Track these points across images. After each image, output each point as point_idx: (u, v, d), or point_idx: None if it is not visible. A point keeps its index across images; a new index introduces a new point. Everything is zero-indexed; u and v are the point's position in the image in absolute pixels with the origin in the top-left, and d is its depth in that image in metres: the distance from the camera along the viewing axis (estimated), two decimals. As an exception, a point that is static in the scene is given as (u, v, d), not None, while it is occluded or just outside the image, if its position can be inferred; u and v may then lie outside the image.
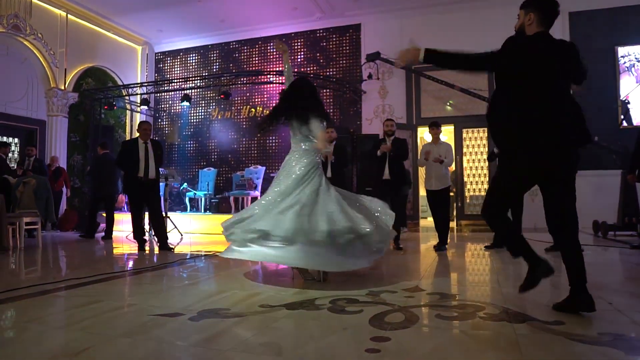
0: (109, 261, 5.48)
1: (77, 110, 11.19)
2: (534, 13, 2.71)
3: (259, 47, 12.48)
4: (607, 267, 4.55)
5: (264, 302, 3.06)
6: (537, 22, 2.72)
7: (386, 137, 6.34)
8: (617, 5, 9.82)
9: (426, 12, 10.86)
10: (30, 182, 7.15)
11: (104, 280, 3.94)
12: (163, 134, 13.28)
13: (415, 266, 4.91)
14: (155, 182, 6.45)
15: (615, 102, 9.84)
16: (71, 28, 10.97)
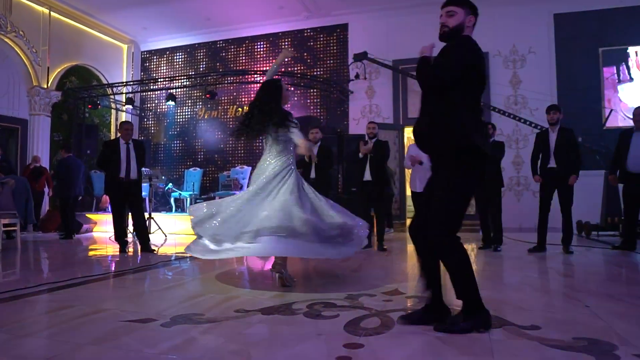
0: (88, 264, 5.39)
1: (61, 109, 11.04)
2: (474, 17, 2.66)
3: (246, 46, 12.40)
4: (587, 269, 4.56)
5: (239, 307, 3.01)
6: (472, 28, 2.67)
7: (368, 140, 6.33)
8: (601, 8, 9.89)
9: (413, 11, 10.85)
10: (9, 183, 7.01)
11: (80, 284, 3.87)
12: (149, 133, 13.15)
13: (398, 268, 4.88)
14: (137, 183, 6.35)
15: (599, 103, 9.91)
16: (54, 26, 10.81)
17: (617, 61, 9.92)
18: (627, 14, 9.79)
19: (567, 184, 5.60)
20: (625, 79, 9.83)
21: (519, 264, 4.85)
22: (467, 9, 2.64)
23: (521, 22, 10.32)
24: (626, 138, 5.73)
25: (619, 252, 5.62)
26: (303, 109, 11.71)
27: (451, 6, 2.66)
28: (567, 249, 5.61)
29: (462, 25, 2.62)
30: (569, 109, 10.00)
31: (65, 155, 8.81)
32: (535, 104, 10.14)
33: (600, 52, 9.97)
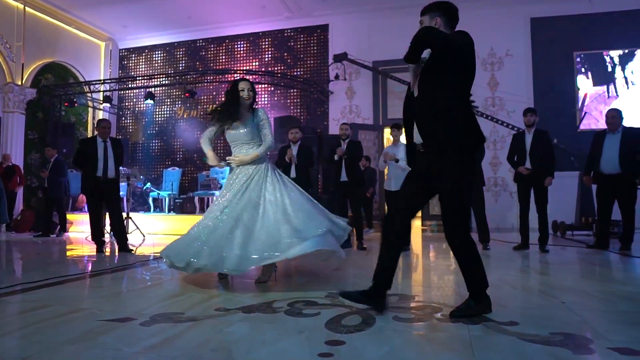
0: (65, 264, 5.28)
1: (36, 107, 10.82)
2: (440, 17, 2.70)
3: (226, 46, 12.34)
4: (563, 267, 4.65)
5: (220, 306, 2.99)
6: (445, 27, 2.71)
7: (342, 141, 6.38)
8: (576, 13, 10.13)
9: (393, 13, 10.94)
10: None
11: (56, 284, 3.79)
12: (127, 132, 12.97)
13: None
14: (114, 182, 6.25)
15: (573, 106, 10.13)
16: (29, 21, 10.58)
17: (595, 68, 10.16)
18: (601, 19, 10.06)
19: (542, 185, 5.73)
20: (613, 97, 10.07)
21: (500, 263, 4.93)
22: (432, 13, 2.72)
23: (499, 25, 10.50)
24: (599, 140, 5.87)
25: (593, 251, 5.75)
26: (283, 109, 11.69)
27: (420, 17, 2.79)
28: (543, 247, 5.73)
29: None
30: (544, 111, 10.21)
31: (55, 154, 8.80)
32: (512, 106, 10.32)
33: (575, 56, 10.21)
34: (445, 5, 2.73)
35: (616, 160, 5.65)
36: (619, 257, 5.32)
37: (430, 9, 2.74)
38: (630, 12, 9.91)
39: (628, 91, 9.99)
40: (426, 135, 2.66)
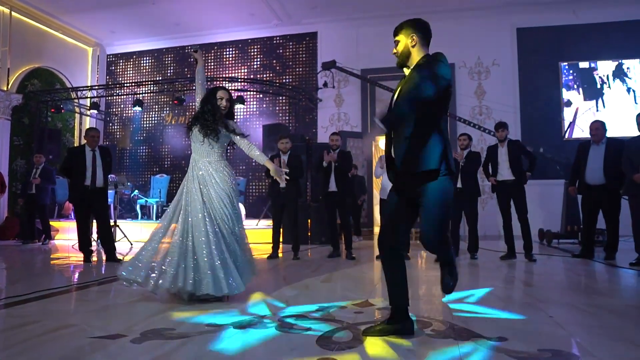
0: (52, 275, 5.22)
1: (21, 113, 10.69)
2: (416, 34, 2.67)
3: (215, 52, 12.32)
4: (549, 278, 4.71)
5: (212, 321, 2.99)
6: (421, 43, 2.68)
7: (332, 151, 6.41)
8: (562, 24, 10.31)
9: (382, 22, 10.98)
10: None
11: (43, 297, 3.75)
12: (114, 138, 12.88)
13: (367, 277, 4.93)
14: (102, 191, 6.20)
15: (559, 115, 10.29)
16: (15, 26, 10.47)
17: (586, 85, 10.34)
18: (585, 30, 10.25)
19: (520, 195, 5.84)
20: (601, 110, 10.26)
21: (487, 274, 4.98)
22: (406, 31, 2.69)
23: (486, 35, 10.63)
24: (584, 151, 5.97)
25: (579, 261, 5.83)
26: (272, 116, 11.70)
27: (395, 37, 2.75)
28: (530, 257, 5.80)
29: (408, 48, 2.67)
30: (530, 120, 10.39)
31: (43, 162, 8.92)
32: (499, 114, 10.43)
33: (560, 66, 10.37)
34: (420, 22, 2.72)
35: (601, 171, 5.75)
36: (603, 266, 5.40)
37: (406, 27, 2.71)
38: (615, 24, 10.11)
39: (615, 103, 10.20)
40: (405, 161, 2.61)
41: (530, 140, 10.11)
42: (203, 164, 3.74)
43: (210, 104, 3.77)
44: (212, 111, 3.74)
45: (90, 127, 8.35)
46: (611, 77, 10.25)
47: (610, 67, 10.29)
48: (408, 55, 2.69)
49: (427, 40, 2.69)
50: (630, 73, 10.20)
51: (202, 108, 3.79)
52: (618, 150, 5.68)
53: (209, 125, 3.70)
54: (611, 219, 5.82)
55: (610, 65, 10.27)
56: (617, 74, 10.25)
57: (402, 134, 2.57)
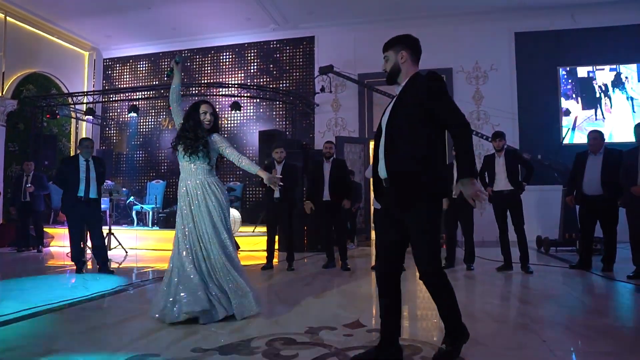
0: (41, 289, 5.13)
1: (17, 118, 10.63)
2: (405, 50, 2.68)
3: (212, 57, 12.27)
4: (545, 293, 4.64)
5: (197, 345, 2.94)
6: (410, 59, 2.69)
7: (324, 159, 6.35)
8: (560, 28, 10.24)
9: (379, 27, 10.92)
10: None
11: (30, 317, 3.70)
12: (111, 143, 12.83)
13: (361, 293, 4.84)
14: (96, 202, 6.13)
15: (557, 120, 10.22)
16: (10, 31, 10.41)
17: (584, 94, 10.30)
18: (584, 35, 10.18)
19: (517, 206, 5.80)
20: (600, 119, 10.21)
21: (482, 288, 4.92)
22: (396, 47, 2.70)
23: (484, 40, 10.57)
24: (581, 161, 5.91)
25: (576, 272, 5.76)
26: (268, 121, 11.64)
27: (384, 53, 2.75)
28: (527, 268, 5.74)
29: (397, 64, 2.68)
30: (529, 125, 10.32)
31: (32, 169, 8.92)
32: (497, 120, 10.38)
33: (558, 70, 10.31)
34: (409, 38, 2.71)
35: (598, 181, 5.69)
36: (601, 279, 5.34)
37: (394, 44, 2.71)
38: (613, 28, 10.04)
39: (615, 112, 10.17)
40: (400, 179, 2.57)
41: (528, 145, 10.06)
42: (192, 183, 3.68)
43: (193, 120, 3.70)
44: (194, 128, 3.67)
45: (84, 137, 8.28)
46: (610, 86, 10.20)
47: (609, 77, 10.24)
48: (398, 72, 2.70)
49: (416, 57, 2.70)
50: (629, 83, 10.16)
51: (184, 125, 3.72)
52: (616, 161, 5.62)
53: (192, 144, 3.63)
54: (608, 230, 5.76)
55: (609, 75, 10.23)
56: (615, 83, 10.20)
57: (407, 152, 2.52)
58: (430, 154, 2.49)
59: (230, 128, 11.94)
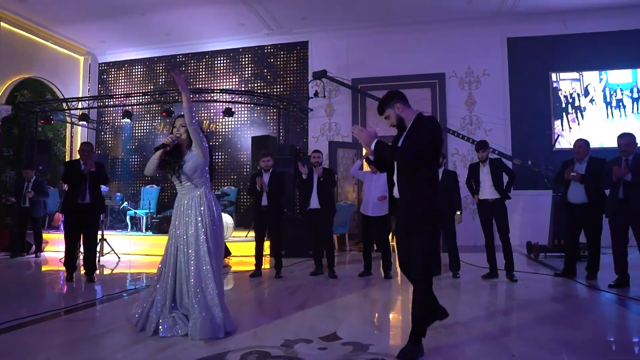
0: (27, 299, 5.17)
1: (11, 124, 10.69)
2: (398, 102, 3.10)
3: (206, 61, 12.32)
4: (525, 304, 4.66)
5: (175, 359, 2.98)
6: (405, 106, 3.12)
7: (314, 168, 6.40)
8: (552, 34, 10.27)
9: (372, 32, 11.01)
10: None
11: (12, 329, 3.74)
12: (106, 147, 12.89)
13: (342, 302, 4.89)
14: (93, 208, 6.13)
15: (549, 126, 10.25)
16: (4, 37, 10.47)
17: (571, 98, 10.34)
18: (576, 40, 10.21)
19: (501, 214, 5.87)
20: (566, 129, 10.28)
21: (464, 297, 4.96)
22: (390, 104, 3.13)
23: (476, 45, 10.60)
24: (567, 168, 5.93)
25: (560, 281, 5.80)
26: (262, 126, 11.69)
27: (382, 114, 3.21)
28: (511, 276, 5.78)
29: (400, 116, 3.11)
30: (521, 130, 10.35)
31: (33, 176, 8.96)
32: (489, 124, 10.42)
33: (550, 76, 10.34)
34: (393, 93, 3.17)
35: (582, 189, 5.72)
36: (583, 288, 5.37)
37: (388, 102, 3.14)
38: (604, 34, 10.08)
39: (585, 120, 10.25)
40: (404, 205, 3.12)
41: (520, 150, 10.10)
42: (183, 199, 3.72)
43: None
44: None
45: (83, 141, 8.30)
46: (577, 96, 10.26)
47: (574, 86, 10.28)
48: (402, 120, 3.13)
49: (407, 101, 3.15)
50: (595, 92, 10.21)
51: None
52: (599, 169, 5.65)
53: (170, 163, 3.68)
54: (592, 238, 5.80)
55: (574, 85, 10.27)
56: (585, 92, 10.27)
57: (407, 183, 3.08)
58: (424, 186, 3.02)
59: (224, 133, 11.99)
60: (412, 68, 10.70)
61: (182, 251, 3.60)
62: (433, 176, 3.09)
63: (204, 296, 3.49)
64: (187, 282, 3.53)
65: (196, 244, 3.56)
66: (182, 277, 3.59)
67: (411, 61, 10.74)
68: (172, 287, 3.58)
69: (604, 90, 10.18)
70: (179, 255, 3.60)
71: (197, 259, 3.54)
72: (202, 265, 3.54)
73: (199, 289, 3.49)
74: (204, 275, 3.53)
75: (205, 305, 3.46)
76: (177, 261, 3.60)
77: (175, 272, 3.60)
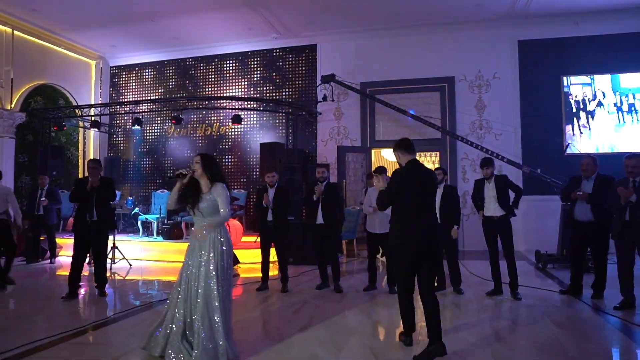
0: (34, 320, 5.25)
1: (25, 130, 10.89)
2: (398, 150, 4.12)
3: (216, 65, 12.37)
4: (523, 329, 4.64)
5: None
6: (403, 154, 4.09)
7: (319, 183, 6.41)
8: (564, 36, 10.10)
9: (380, 35, 10.94)
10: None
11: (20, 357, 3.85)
12: (118, 150, 13.06)
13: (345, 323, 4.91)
14: (101, 224, 6.19)
15: (560, 130, 10.11)
16: (17, 45, 10.64)
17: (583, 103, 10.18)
18: (589, 43, 10.02)
19: (506, 231, 5.85)
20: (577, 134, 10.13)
21: (465, 320, 4.93)
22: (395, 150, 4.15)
23: (486, 48, 10.48)
24: (575, 185, 5.87)
25: (564, 300, 5.74)
26: (271, 130, 11.73)
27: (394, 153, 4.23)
28: (515, 295, 5.76)
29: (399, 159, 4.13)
30: (531, 135, 10.23)
31: (47, 183, 9.17)
32: (499, 129, 10.32)
33: (562, 79, 10.17)
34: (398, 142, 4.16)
35: (589, 207, 5.66)
36: (587, 310, 5.30)
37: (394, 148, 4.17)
38: (617, 36, 9.88)
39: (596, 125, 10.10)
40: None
41: (531, 155, 9.99)
42: (197, 232, 3.88)
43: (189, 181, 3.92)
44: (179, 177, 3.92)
45: (91, 158, 8.41)
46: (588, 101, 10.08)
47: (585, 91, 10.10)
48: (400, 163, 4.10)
49: (407, 150, 4.08)
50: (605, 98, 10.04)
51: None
52: (606, 187, 5.58)
53: (187, 198, 3.87)
54: (599, 256, 5.75)
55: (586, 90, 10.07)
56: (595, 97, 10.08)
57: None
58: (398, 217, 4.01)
59: (233, 136, 12.07)
60: (420, 71, 10.62)
61: (192, 283, 3.74)
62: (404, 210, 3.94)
63: (210, 328, 3.63)
64: (195, 313, 3.67)
65: (206, 279, 3.72)
66: (191, 309, 3.72)
67: (420, 64, 10.65)
68: (182, 315, 3.72)
69: (615, 94, 10.00)
70: (191, 287, 3.74)
71: (206, 294, 3.68)
72: (211, 300, 3.68)
73: (206, 320, 3.64)
74: (211, 309, 3.66)
75: (211, 336, 3.61)
76: (188, 292, 3.74)
77: (185, 301, 3.74)
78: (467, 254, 9.22)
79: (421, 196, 3.90)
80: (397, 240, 3.94)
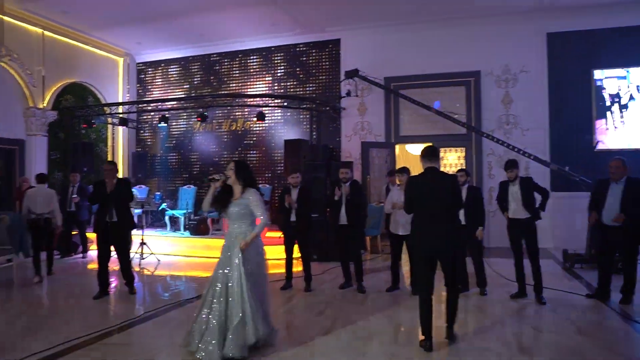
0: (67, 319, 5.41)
1: (57, 128, 11.20)
2: (422, 158, 4.37)
3: (240, 60, 12.45)
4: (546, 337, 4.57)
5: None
6: (423, 161, 4.36)
7: (343, 184, 6.42)
8: (594, 28, 9.79)
9: (404, 29, 10.82)
10: (3, 220, 7.27)
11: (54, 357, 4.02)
12: (145, 145, 13.31)
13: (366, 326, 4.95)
14: (121, 225, 6.37)
15: (590, 126, 9.86)
16: (48, 45, 10.91)
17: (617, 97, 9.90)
18: (620, 35, 9.69)
19: (531, 234, 5.78)
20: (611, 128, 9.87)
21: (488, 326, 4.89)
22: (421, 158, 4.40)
23: (514, 41, 10.26)
24: (603, 188, 5.74)
25: (590, 305, 5.63)
26: (296, 125, 11.77)
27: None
28: (540, 299, 5.70)
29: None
30: (560, 130, 10.00)
31: (78, 180, 9.47)
32: (526, 124, 10.13)
33: (593, 73, 9.88)
34: (424, 150, 4.41)
35: (618, 211, 5.54)
36: (614, 316, 5.20)
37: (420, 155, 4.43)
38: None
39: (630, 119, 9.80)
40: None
41: (560, 151, 9.79)
42: (234, 237, 4.12)
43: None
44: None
45: (108, 160, 8.61)
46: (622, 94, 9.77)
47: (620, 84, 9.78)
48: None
49: (427, 157, 4.33)
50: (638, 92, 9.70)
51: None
52: (637, 190, 5.45)
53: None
54: (628, 261, 5.63)
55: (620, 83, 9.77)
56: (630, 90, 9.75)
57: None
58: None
59: (258, 132, 12.17)
60: (446, 66, 10.47)
61: (226, 280, 3.98)
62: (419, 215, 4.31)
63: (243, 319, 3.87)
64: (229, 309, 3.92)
65: (238, 277, 3.95)
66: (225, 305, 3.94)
67: (445, 59, 10.49)
68: (218, 311, 3.91)
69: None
70: (223, 285, 3.97)
71: (239, 290, 3.91)
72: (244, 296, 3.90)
73: (239, 314, 3.87)
74: (244, 305, 3.88)
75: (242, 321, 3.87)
76: (222, 289, 3.97)
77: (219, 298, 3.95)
78: (493, 251, 9.14)
79: (434, 203, 4.15)
80: (415, 242, 4.42)
